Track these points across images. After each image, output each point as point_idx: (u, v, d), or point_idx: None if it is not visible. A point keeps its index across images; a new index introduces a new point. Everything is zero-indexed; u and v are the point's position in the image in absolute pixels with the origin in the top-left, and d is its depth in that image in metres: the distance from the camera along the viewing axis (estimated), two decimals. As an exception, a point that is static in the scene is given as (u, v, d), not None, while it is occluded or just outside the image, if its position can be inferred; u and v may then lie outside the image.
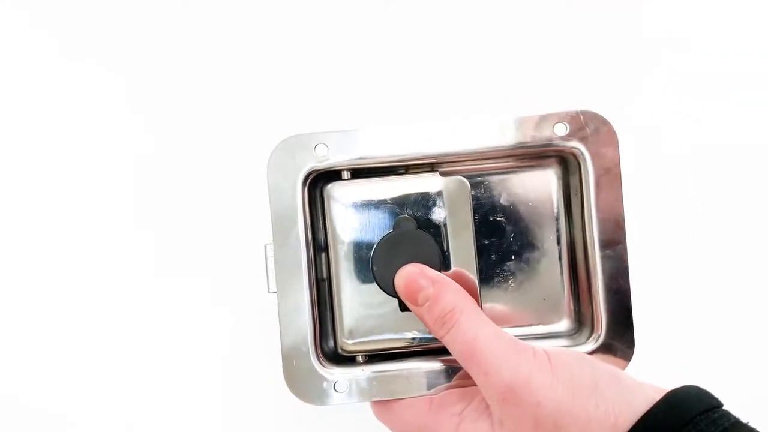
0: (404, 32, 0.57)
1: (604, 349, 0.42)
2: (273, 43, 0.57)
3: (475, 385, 0.36)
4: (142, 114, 0.57)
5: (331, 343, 0.43)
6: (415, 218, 0.42)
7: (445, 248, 0.42)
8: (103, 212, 0.57)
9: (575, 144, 0.42)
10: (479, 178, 0.44)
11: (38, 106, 0.56)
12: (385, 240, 0.41)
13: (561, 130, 0.42)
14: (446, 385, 0.41)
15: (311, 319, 0.41)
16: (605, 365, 0.36)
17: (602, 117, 0.42)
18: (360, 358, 0.42)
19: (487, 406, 0.37)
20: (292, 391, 0.41)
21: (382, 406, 0.40)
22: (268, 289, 0.41)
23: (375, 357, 0.43)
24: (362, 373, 0.41)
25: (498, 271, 0.44)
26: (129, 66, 0.57)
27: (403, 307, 0.40)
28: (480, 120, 0.42)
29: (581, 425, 0.33)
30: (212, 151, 0.56)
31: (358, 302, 0.42)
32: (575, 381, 0.34)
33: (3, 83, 0.56)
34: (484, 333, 0.36)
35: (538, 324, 0.44)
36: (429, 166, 0.43)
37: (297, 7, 0.57)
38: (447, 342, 0.37)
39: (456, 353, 0.37)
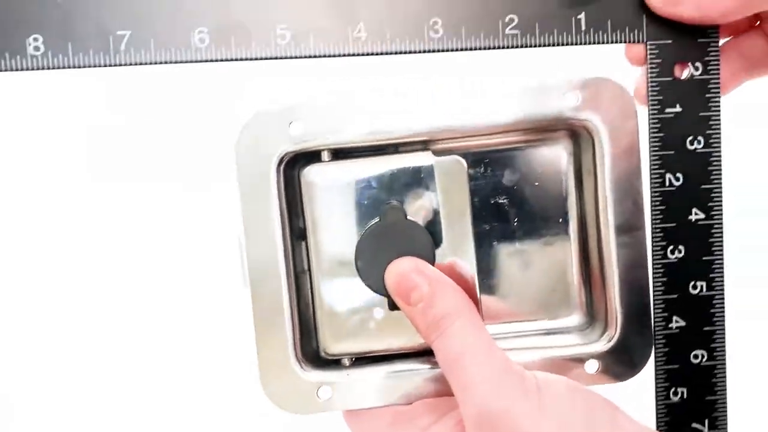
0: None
1: (620, 347, 0.38)
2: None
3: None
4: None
5: (314, 343, 0.39)
6: (405, 204, 0.37)
7: (440, 238, 0.37)
8: (62, 201, 0.53)
9: (588, 116, 0.37)
10: (479, 156, 0.39)
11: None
12: (371, 231, 0.37)
13: (572, 99, 0.36)
14: (425, 393, 0.37)
15: (291, 318, 0.37)
16: (603, 401, 0.33)
17: (619, 85, 0.37)
18: (346, 361, 0.38)
19: (457, 424, 0.34)
20: (269, 399, 0.37)
21: (351, 413, 0.37)
22: (243, 283, 0.37)
23: (362, 360, 0.38)
24: (348, 378, 0.37)
25: (500, 259, 0.39)
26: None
27: (393, 306, 0.36)
28: (479, 89, 0.36)
29: None
30: (177, 129, 0.51)
31: (341, 299, 0.38)
32: (564, 415, 0.31)
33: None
34: (474, 345, 0.33)
35: (545, 318, 0.40)
36: (421, 144, 0.38)
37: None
38: (435, 348, 0.34)
39: (441, 361, 0.34)
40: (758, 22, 0.39)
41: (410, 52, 0.36)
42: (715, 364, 0.38)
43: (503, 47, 0.36)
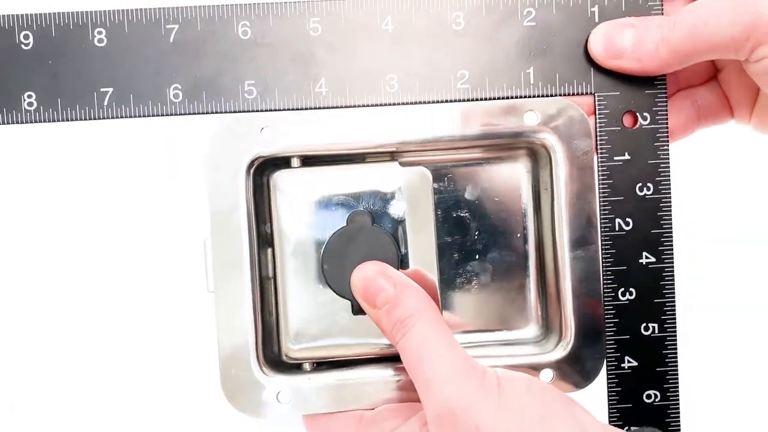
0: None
1: (573, 359, 0.39)
2: None
3: (419, 400, 0.34)
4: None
5: (276, 348, 0.40)
6: (372, 212, 0.39)
7: (404, 245, 0.39)
8: (25, 208, 0.56)
9: (546, 135, 0.39)
10: (443, 170, 0.41)
11: None
12: (338, 236, 0.38)
13: (531, 119, 0.38)
14: (386, 399, 0.38)
15: (253, 322, 0.38)
16: (562, 396, 0.34)
17: (576, 107, 0.38)
18: (307, 366, 0.40)
19: (423, 426, 0.35)
20: (230, 402, 0.38)
21: (310, 418, 0.38)
22: (208, 288, 0.38)
23: (323, 365, 0.40)
24: (308, 382, 0.38)
25: (461, 271, 0.41)
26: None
27: (357, 310, 0.38)
28: (445, 106, 0.38)
29: None
30: (147, 134, 0.54)
31: (305, 304, 0.39)
32: (523, 410, 0.32)
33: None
34: (437, 343, 0.34)
35: (503, 329, 0.42)
36: (389, 154, 0.40)
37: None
38: (400, 348, 0.35)
39: (405, 360, 0.35)
40: (717, 73, 0.40)
41: (368, 106, 0.38)
42: (668, 404, 0.39)
43: (455, 100, 0.38)
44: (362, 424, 0.37)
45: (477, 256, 0.41)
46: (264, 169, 0.39)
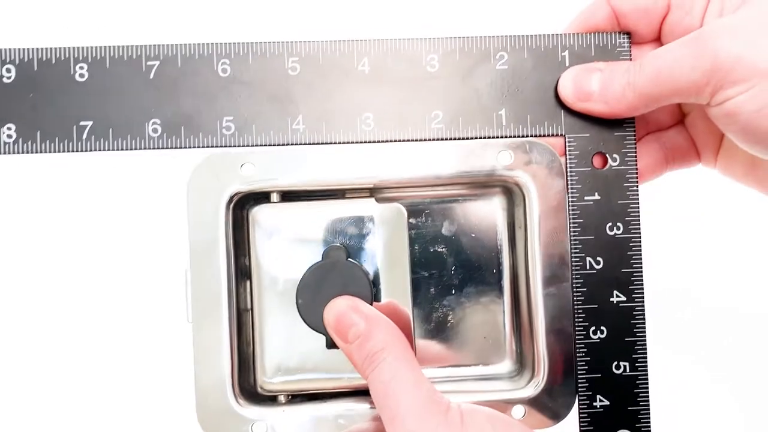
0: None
1: (546, 394, 0.39)
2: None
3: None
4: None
5: (252, 380, 0.40)
6: (348, 247, 0.39)
7: (379, 280, 0.39)
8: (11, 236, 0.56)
9: (520, 174, 0.39)
10: (420, 206, 0.42)
11: None
12: (312, 270, 0.39)
13: (505, 158, 0.39)
14: (357, 428, 0.38)
15: (230, 354, 0.38)
16: (522, 429, 0.34)
17: (549, 147, 0.39)
18: (282, 398, 0.40)
19: None
20: (205, 431, 0.38)
21: None
22: (187, 318, 0.39)
23: (298, 397, 0.40)
24: (283, 414, 0.39)
25: (437, 306, 0.42)
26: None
27: (331, 344, 0.38)
28: (421, 145, 0.39)
29: None
30: (134, 165, 0.55)
31: (281, 337, 0.39)
32: None
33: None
34: (403, 378, 0.34)
35: (479, 364, 0.42)
36: (368, 190, 0.41)
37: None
38: (369, 382, 0.35)
39: (373, 394, 0.35)
40: (684, 118, 0.42)
41: (344, 143, 0.39)
42: (641, 443, 0.39)
43: (429, 139, 0.39)
44: None
45: (453, 291, 0.42)
46: (244, 203, 0.40)
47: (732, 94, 0.32)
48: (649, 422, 0.39)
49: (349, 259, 0.39)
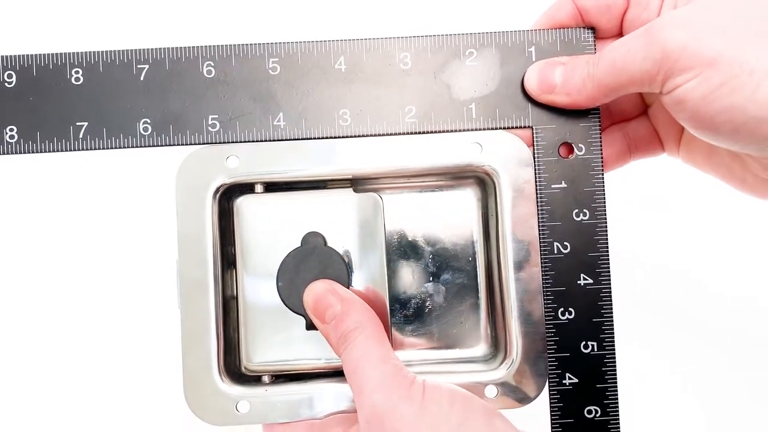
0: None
1: (518, 376, 0.41)
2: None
3: None
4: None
5: (237, 362, 0.43)
6: (327, 234, 0.42)
7: (356, 266, 0.42)
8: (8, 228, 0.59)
9: (490, 164, 0.42)
10: (398, 196, 0.44)
11: None
12: (292, 255, 0.41)
13: (476, 150, 0.42)
14: (333, 411, 0.40)
15: (216, 337, 0.40)
16: (483, 406, 0.36)
17: (518, 138, 0.41)
18: (266, 379, 0.42)
19: None
20: (191, 409, 0.40)
21: (268, 426, 0.41)
22: (177, 304, 0.41)
23: (281, 378, 0.42)
24: (266, 393, 0.41)
25: (415, 292, 0.44)
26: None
27: (310, 326, 0.40)
28: (395, 139, 0.41)
29: None
30: (124, 162, 0.58)
31: (264, 320, 0.42)
32: (442, 417, 0.34)
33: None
34: (372, 353, 0.36)
35: (455, 348, 0.44)
36: (348, 181, 0.43)
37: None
38: (342, 360, 0.38)
39: (345, 370, 0.37)
40: (647, 109, 0.43)
41: (323, 137, 0.41)
42: (609, 419, 0.41)
43: (403, 133, 0.41)
44: (312, 430, 0.39)
45: (431, 279, 0.44)
46: (230, 194, 0.42)
47: (680, 82, 0.34)
48: (616, 399, 0.41)
49: (327, 244, 0.41)
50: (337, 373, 0.42)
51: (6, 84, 0.40)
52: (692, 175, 0.44)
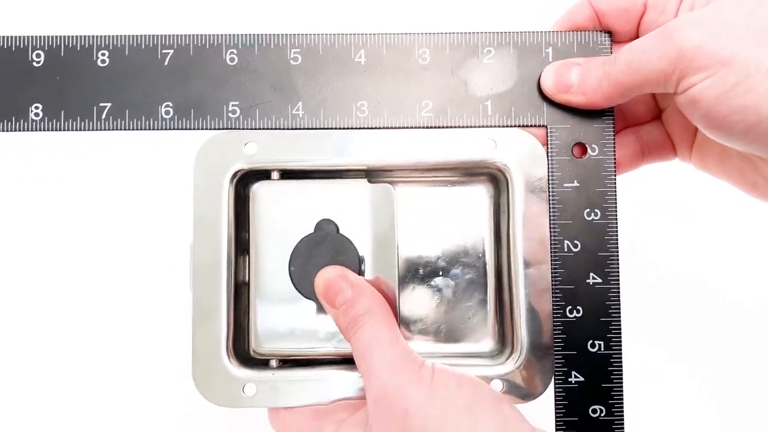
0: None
1: (524, 372, 0.41)
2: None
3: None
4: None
5: (246, 345, 0.43)
6: (340, 223, 0.42)
7: (368, 254, 0.42)
8: (27, 208, 0.59)
9: (503, 161, 0.42)
10: (412, 189, 0.44)
11: None
12: (305, 241, 0.42)
13: (490, 147, 0.42)
14: (339, 398, 0.41)
15: (226, 320, 0.41)
16: (493, 393, 0.37)
17: (531, 135, 0.42)
18: (274, 363, 0.42)
19: (369, 417, 0.37)
20: (199, 390, 0.40)
21: (273, 410, 0.41)
22: (189, 288, 0.42)
23: (288, 362, 0.43)
24: (272, 377, 0.41)
25: (424, 286, 0.44)
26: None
27: (320, 310, 0.41)
28: (412, 132, 0.42)
29: None
30: (142, 144, 0.58)
31: (273, 305, 0.42)
32: (451, 399, 0.35)
33: None
34: (382, 337, 0.37)
35: (462, 342, 0.44)
36: (363, 172, 0.44)
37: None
38: (352, 344, 0.38)
39: (354, 354, 0.38)
40: (661, 113, 0.44)
41: (340, 128, 0.42)
42: (613, 419, 0.41)
43: (419, 127, 0.42)
44: (318, 415, 0.39)
45: (441, 273, 0.44)
46: (247, 180, 0.43)
47: (695, 81, 0.35)
48: (622, 400, 0.41)
49: (339, 232, 0.42)
50: (344, 360, 0.42)
51: (34, 63, 0.41)
52: (705, 180, 0.44)
